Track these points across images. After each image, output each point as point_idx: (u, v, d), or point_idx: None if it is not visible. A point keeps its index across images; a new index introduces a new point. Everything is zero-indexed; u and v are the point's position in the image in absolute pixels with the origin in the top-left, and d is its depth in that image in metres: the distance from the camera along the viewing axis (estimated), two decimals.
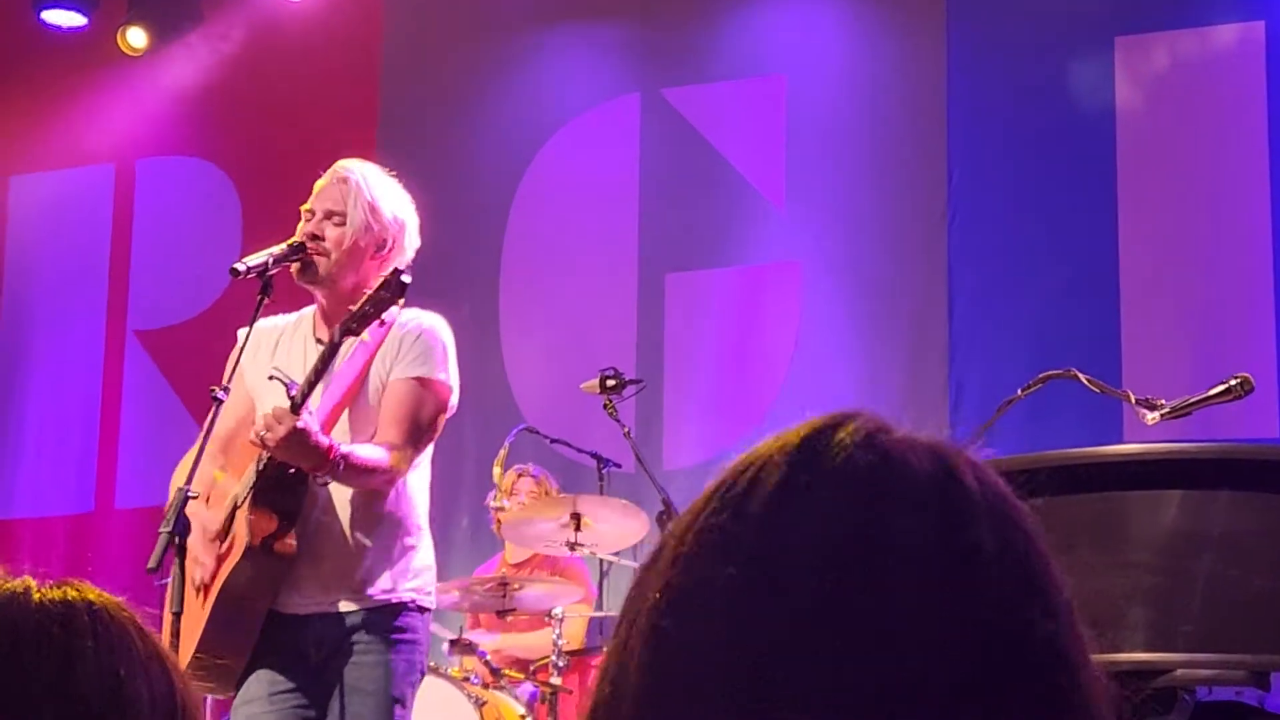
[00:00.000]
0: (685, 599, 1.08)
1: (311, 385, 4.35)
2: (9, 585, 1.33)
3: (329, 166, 4.77)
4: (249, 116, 9.94)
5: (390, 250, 4.62)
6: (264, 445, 4.29)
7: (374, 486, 4.47)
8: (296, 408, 4.28)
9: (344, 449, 4.35)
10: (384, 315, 4.38)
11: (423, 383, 4.55)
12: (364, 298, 4.38)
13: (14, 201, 10.42)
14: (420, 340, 4.57)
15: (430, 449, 4.65)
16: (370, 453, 4.41)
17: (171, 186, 10.21)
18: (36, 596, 1.32)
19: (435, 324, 4.64)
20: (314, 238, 4.59)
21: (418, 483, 4.62)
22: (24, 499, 10.14)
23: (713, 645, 1.05)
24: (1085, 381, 4.88)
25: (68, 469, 10.07)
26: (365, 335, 4.46)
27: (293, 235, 4.69)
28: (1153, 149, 8.26)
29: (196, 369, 5.02)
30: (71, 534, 9.97)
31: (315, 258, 4.58)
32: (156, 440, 9.25)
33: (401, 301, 4.40)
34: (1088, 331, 8.01)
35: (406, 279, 4.37)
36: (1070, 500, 3.18)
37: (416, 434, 4.51)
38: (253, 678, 4.49)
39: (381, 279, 4.40)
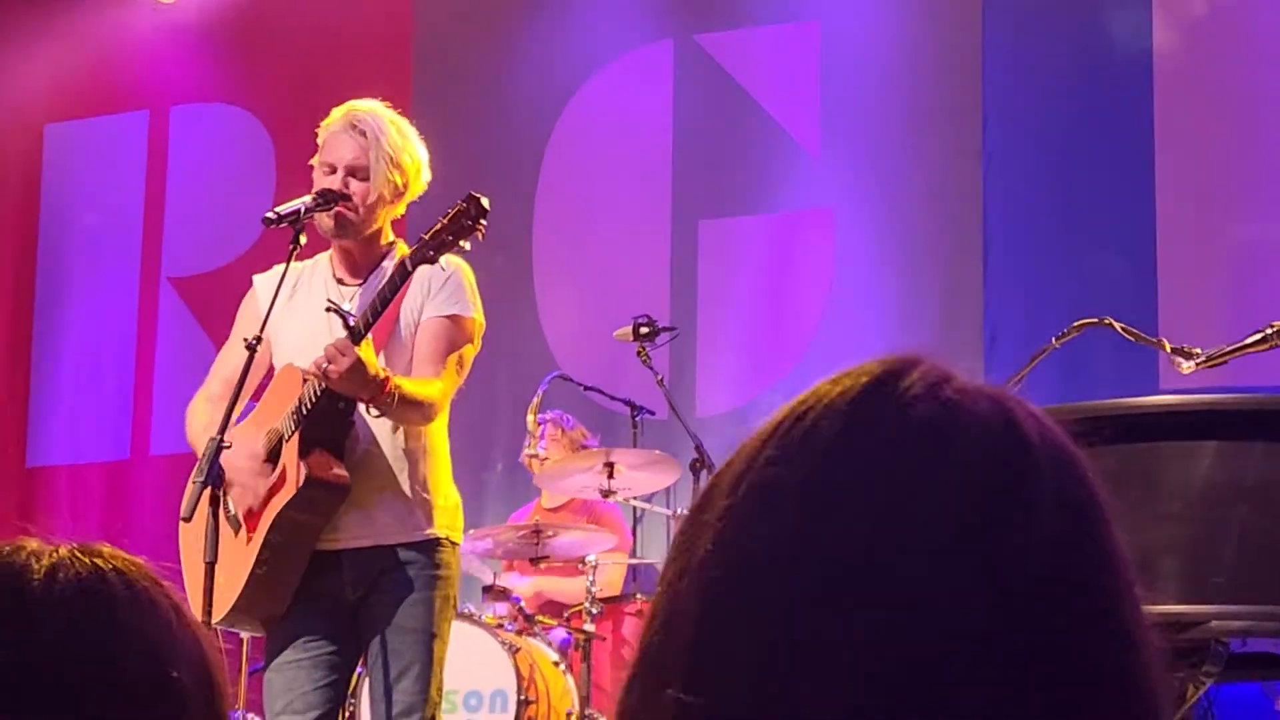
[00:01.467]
0: (738, 549, 1.04)
1: (377, 313, 4.37)
2: (46, 559, 1.31)
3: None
4: (283, 63, 9.92)
5: (403, 195, 4.65)
6: (326, 376, 4.31)
7: (418, 420, 4.52)
8: (359, 337, 4.31)
9: (396, 381, 4.39)
10: (464, 241, 4.38)
11: (456, 320, 4.60)
12: (441, 225, 4.37)
13: (49, 150, 10.43)
14: (451, 280, 4.61)
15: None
16: (418, 387, 4.46)
17: (205, 133, 10.20)
18: (72, 572, 1.30)
19: (460, 264, 4.66)
20: (341, 195, 4.60)
21: (444, 420, 4.66)
22: (60, 446, 10.18)
23: (765, 598, 1.02)
24: (1120, 330, 4.85)
25: (103, 416, 10.10)
26: (443, 264, 4.47)
27: (316, 172, 4.70)
28: (1191, 92, 8.18)
29: (231, 315, 5.01)
30: (108, 481, 10.02)
31: (345, 212, 4.60)
32: (191, 387, 9.17)
33: (484, 226, 4.39)
34: (1123, 278, 7.96)
35: (485, 203, 4.38)
36: (1105, 451, 3.16)
37: (453, 371, 4.56)
38: (287, 626, 4.52)
39: (458, 205, 4.40)
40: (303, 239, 4.59)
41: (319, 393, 4.41)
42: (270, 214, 4.60)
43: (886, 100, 8.75)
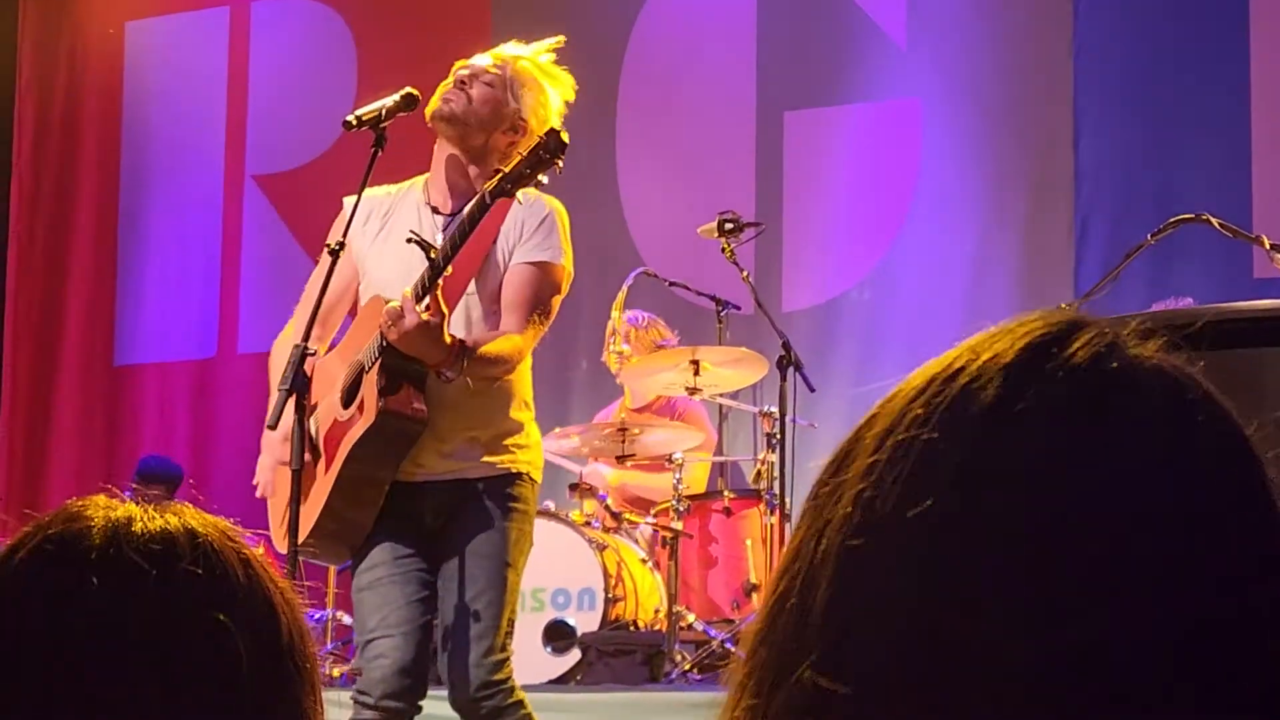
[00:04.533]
0: (882, 517, 0.98)
1: (456, 247, 4.30)
2: (113, 516, 1.29)
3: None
4: None
5: (522, 137, 4.58)
6: (388, 338, 4.27)
7: (496, 376, 4.48)
8: (439, 271, 4.25)
9: (467, 345, 4.33)
10: (542, 174, 4.33)
11: (543, 268, 4.55)
12: (519, 157, 4.32)
13: (130, 48, 10.43)
14: (545, 223, 4.56)
15: None
16: (493, 346, 4.40)
17: (286, 29, 10.17)
18: (138, 529, 1.28)
19: (556, 207, 4.61)
20: (460, 83, 4.57)
21: (526, 363, 4.63)
22: (148, 345, 10.24)
23: (909, 571, 0.97)
24: (1218, 226, 4.75)
25: (190, 314, 10.16)
26: (520, 197, 4.42)
27: (406, 81, 4.65)
28: None
29: (315, 213, 5.00)
30: (195, 378, 10.08)
31: (456, 97, 4.56)
32: (277, 285, 9.27)
33: (561, 163, 4.34)
34: (1216, 171, 7.81)
35: (565, 138, 4.32)
36: (1207, 356, 3.09)
37: (537, 320, 4.51)
38: (375, 545, 4.51)
39: (537, 139, 4.35)
40: (383, 144, 4.53)
41: None
42: (350, 117, 4.55)
43: None
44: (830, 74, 8.88)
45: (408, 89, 4.60)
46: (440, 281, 4.29)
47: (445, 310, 4.30)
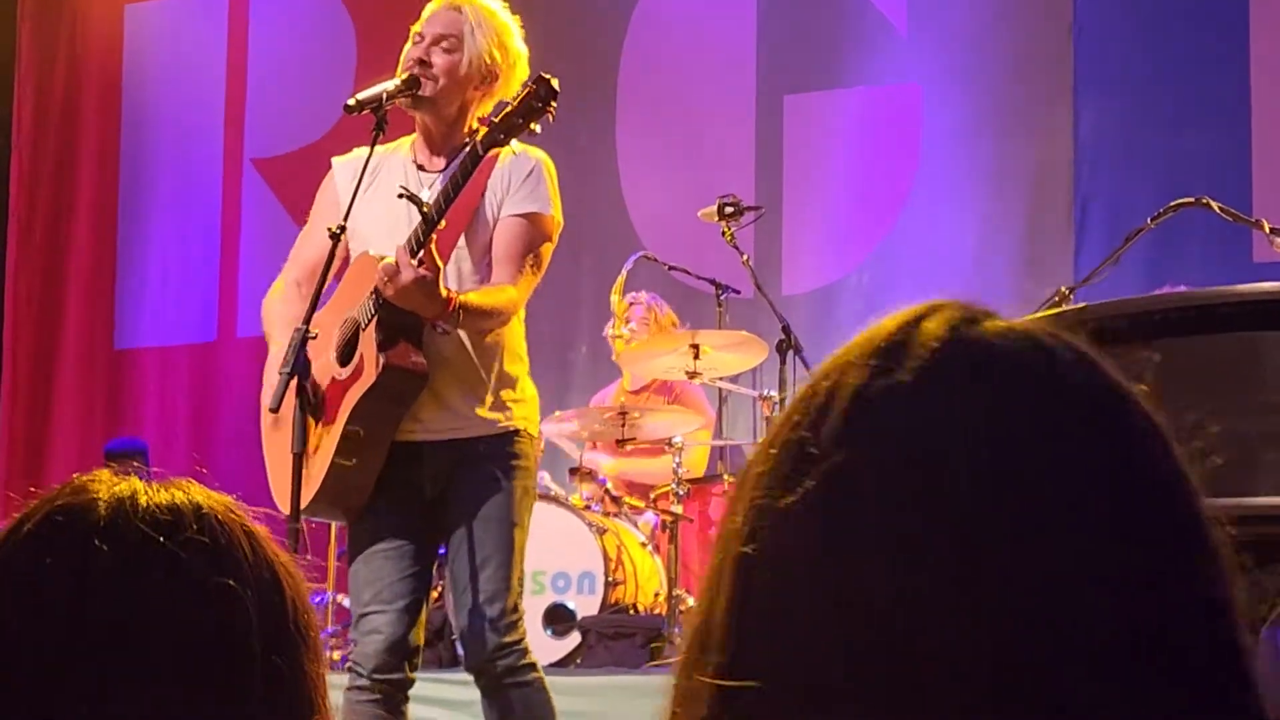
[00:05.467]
0: (769, 521, 1.00)
1: (449, 199, 4.31)
2: (117, 490, 1.30)
3: None
4: None
5: (498, 85, 4.58)
6: (384, 293, 4.28)
7: (492, 328, 4.48)
8: (433, 224, 4.26)
9: (462, 297, 4.34)
10: (534, 123, 4.33)
11: (532, 219, 4.54)
12: (510, 108, 4.33)
13: (130, 31, 10.42)
14: (532, 175, 4.55)
15: None
16: (487, 297, 4.40)
17: (285, 12, 10.16)
18: (143, 501, 1.29)
19: (542, 158, 4.61)
20: (421, 63, 4.56)
21: (520, 314, 4.63)
22: (148, 328, 10.25)
23: (797, 571, 0.98)
24: (1218, 210, 4.76)
25: (190, 298, 10.16)
26: (524, 156, 4.44)
27: (402, 54, 4.65)
28: None
29: (314, 196, 4.98)
30: (195, 362, 10.08)
31: (422, 81, 4.55)
32: (276, 268, 9.21)
33: (554, 107, 4.35)
34: (1216, 154, 7.81)
35: (556, 85, 4.32)
36: (1203, 340, 3.09)
37: (529, 271, 4.51)
38: (371, 518, 4.52)
39: (527, 87, 4.35)
40: (384, 127, 4.53)
41: None
42: (351, 100, 4.55)
43: None
44: (830, 58, 8.87)
45: (406, 72, 4.60)
46: (434, 235, 4.31)
47: (440, 264, 4.32)
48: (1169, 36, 8.07)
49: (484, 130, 4.35)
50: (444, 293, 4.29)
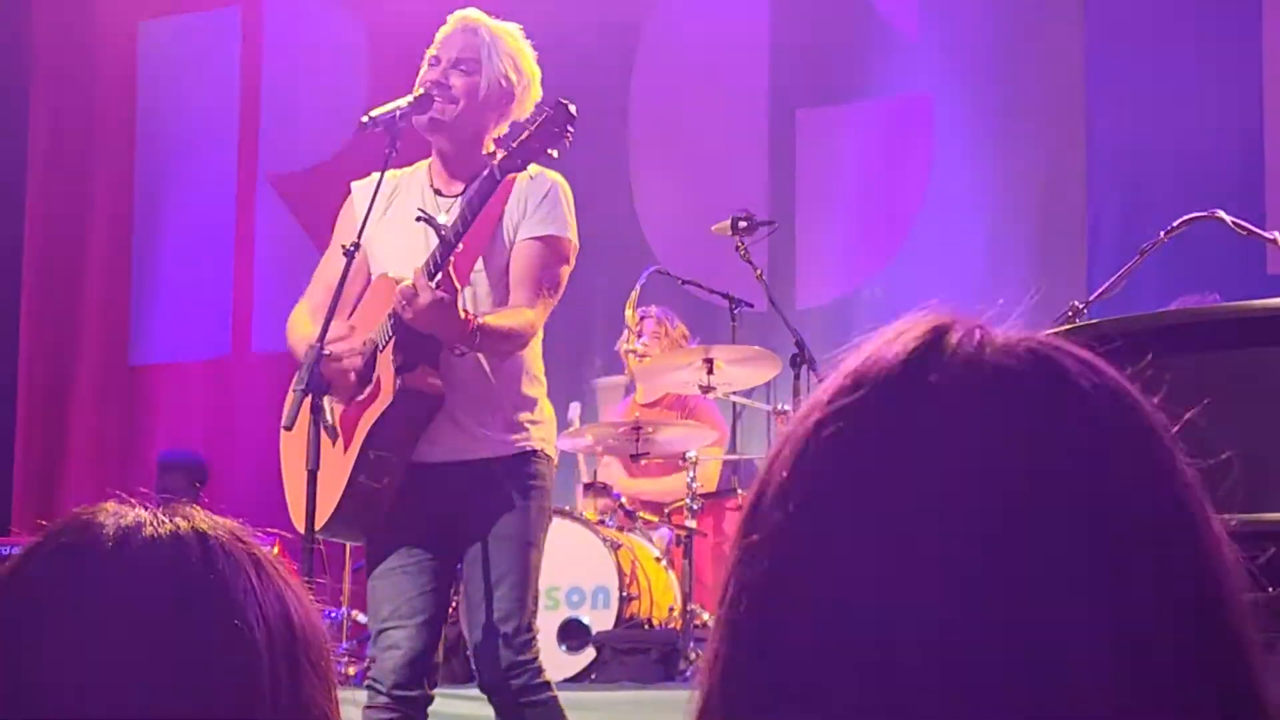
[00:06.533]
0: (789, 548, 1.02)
1: (467, 223, 4.33)
2: (122, 519, 1.30)
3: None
4: None
5: (514, 106, 4.59)
6: (403, 316, 4.29)
7: (510, 351, 4.49)
8: (450, 248, 4.27)
9: (480, 319, 4.35)
10: (552, 149, 4.34)
11: (549, 241, 4.55)
12: (527, 133, 4.33)
13: (143, 48, 10.44)
14: (548, 198, 4.56)
15: None
16: (505, 319, 4.42)
17: (299, 28, 10.18)
18: (148, 532, 1.29)
19: (559, 181, 4.61)
20: (440, 85, 4.57)
21: (538, 336, 4.64)
22: (163, 344, 10.26)
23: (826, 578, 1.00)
24: (1230, 223, 4.74)
25: (204, 314, 10.18)
26: (542, 179, 4.45)
27: (416, 78, 4.66)
28: None
29: (329, 211, 5.00)
30: (210, 378, 10.10)
31: (440, 105, 4.56)
32: (291, 283, 9.18)
33: (570, 135, 4.36)
34: (1230, 168, 7.80)
35: (573, 109, 4.33)
36: (1223, 355, 3.09)
37: (547, 294, 4.52)
38: (389, 535, 4.53)
39: (544, 112, 4.36)
40: (397, 144, 4.55)
41: None
42: (365, 118, 4.57)
43: None
44: (842, 71, 8.88)
45: (421, 90, 4.61)
46: (451, 258, 4.32)
47: (458, 286, 4.34)
48: (1181, 48, 8.07)
49: (501, 154, 4.36)
50: (462, 315, 4.30)
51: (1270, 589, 1.12)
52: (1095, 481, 0.98)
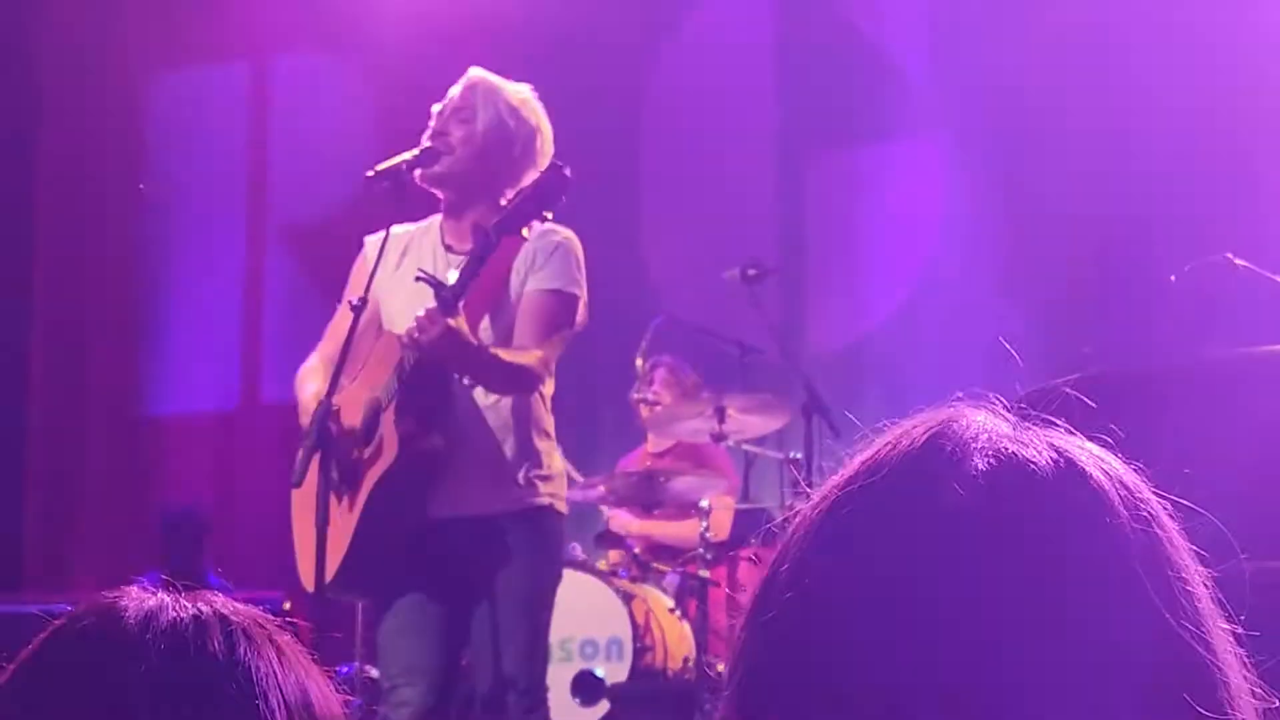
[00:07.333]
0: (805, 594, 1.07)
1: (466, 284, 4.33)
2: (145, 603, 1.30)
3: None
4: (384, 8, 9.88)
5: (519, 154, 4.59)
6: (417, 345, 4.29)
7: (518, 390, 4.50)
8: (450, 307, 4.27)
9: (492, 351, 4.36)
10: (547, 211, 4.35)
11: (559, 295, 4.56)
12: (522, 195, 4.34)
13: (152, 101, 10.47)
14: (557, 254, 4.56)
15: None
16: (515, 357, 4.42)
17: (305, 81, 10.20)
18: (170, 617, 1.29)
19: (570, 238, 4.61)
20: (439, 134, 4.58)
21: (547, 391, 4.63)
22: (171, 396, 10.26)
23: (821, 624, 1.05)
24: (1241, 266, 4.75)
25: (213, 366, 10.18)
26: (526, 232, 4.44)
27: (424, 134, 4.67)
28: None
29: (337, 263, 5.01)
30: (218, 430, 10.09)
31: (440, 155, 4.57)
32: (300, 335, 9.19)
33: (564, 198, 4.36)
34: (1240, 205, 7.77)
35: (568, 173, 4.33)
36: (1221, 401, 3.07)
37: (553, 344, 4.52)
38: (398, 591, 4.52)
39: (539, 174, 4.37)
40: (403, 197, 4.55)
41: (414, 362, 4.38)
42: (371, 172, 4.58)
43: (997, 21, 8.60)
44: (850, 115, 8.88)
45: (427, 143, 4.62)
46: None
47: (466, 328, 4.33)
48: None
49: (499, 217, 4.36)
50: (473, 341, 4.32)
51: None
52: (1104, 574, 1.02)
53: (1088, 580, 1.01)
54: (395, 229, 4.69)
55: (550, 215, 4.37)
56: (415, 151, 4.60)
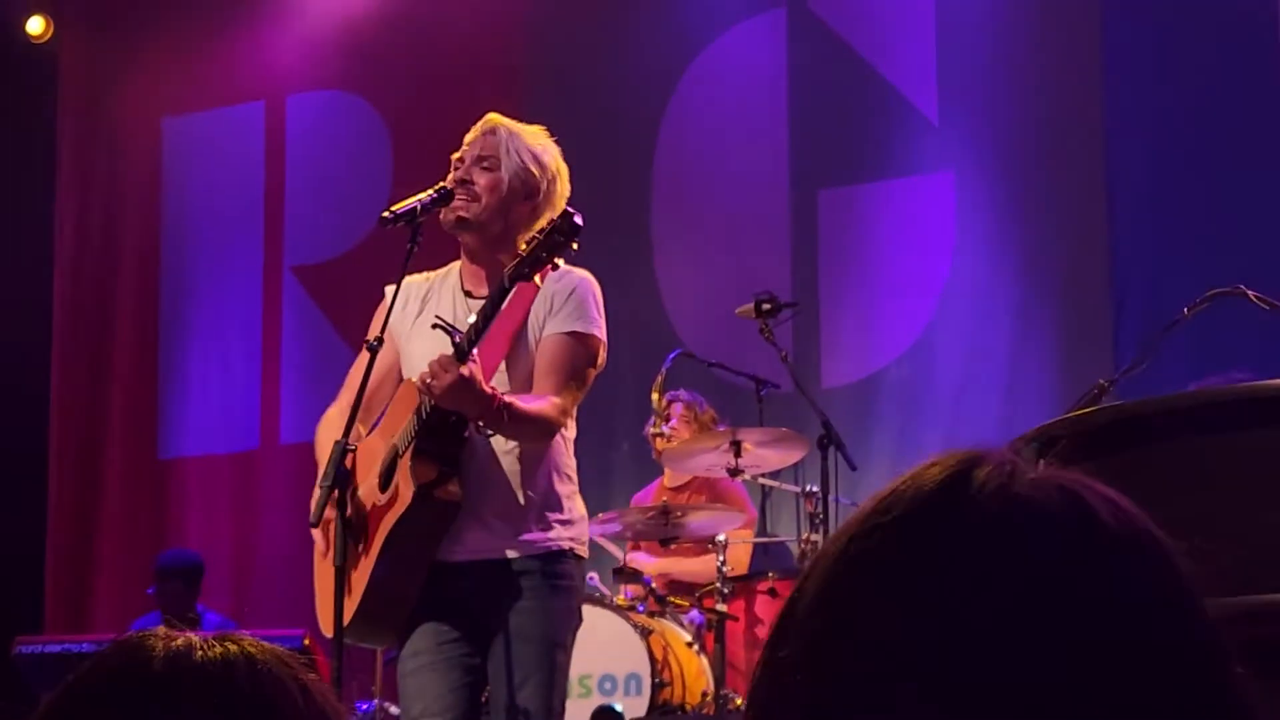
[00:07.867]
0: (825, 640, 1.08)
1: (479, 331, 4.32)
2: (173, 643, 1.32)
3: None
4: (397, 50, 9.94)
5: (540, 200, 4.59)
6: (430, 392, 4.29)
7: (535, 437, 4.47)
8: (463, 355, 4.28)
9: (507, 398, 4.35)
10: (558, 258, 4.34)
11: (578, 337, 4.54)
12: (535, 242, 4.33)
13: (167, 144, 10.53)
14: (574, 295, 4.55)
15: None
16: (532, 404, 4.41)
17: (322, 122, 10.26)
18: (198, 656, 1.31)
19: (587, 278, 4.61)
20: (463, 183, 4.58)
21: (569, 434, 4.62)
22: (191, 437, 10.29)
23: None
24: (1254, 299, 4.73)
25: (232, 407, 10.21)
26: (537, 280, 4.43)
27: (441, 170, 4.68)
28: None
29: (353, 303, 5.04)
30: (238, 471, 10.11)
31: (464, 203, 4.57)
32: (318, 375, 9.32)
33: (576, 244, 4.36)
34: (1256, 242, 7.77)
35: (579, 220, 4.33)
36: (1236, 435, 3.07)
37: (573, 387, 4.51)
38: (418, 630, 4.52)
39: (551, 222, 4.36)
40: (418, 239, 4.56)
41: (430, 408, 4.38)
42: (386, 213, 4.58)
43: (1005, 60, 8.63)
44: (862, 150, 8.91)
45: (442, 184, 4.63)
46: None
47: (480, 376, 4.33)
48: (1204, 123, 8.07)
49: (511, 264, 4.36)
50: (487, 390, 4.31)
51: None
52: (1120, 617, 1.03)
53: (1101, 621, 1.03)
54: (415, 277, 4.70)
55: (561, 262, 4.37)
56: (429, 193, 4.60)
